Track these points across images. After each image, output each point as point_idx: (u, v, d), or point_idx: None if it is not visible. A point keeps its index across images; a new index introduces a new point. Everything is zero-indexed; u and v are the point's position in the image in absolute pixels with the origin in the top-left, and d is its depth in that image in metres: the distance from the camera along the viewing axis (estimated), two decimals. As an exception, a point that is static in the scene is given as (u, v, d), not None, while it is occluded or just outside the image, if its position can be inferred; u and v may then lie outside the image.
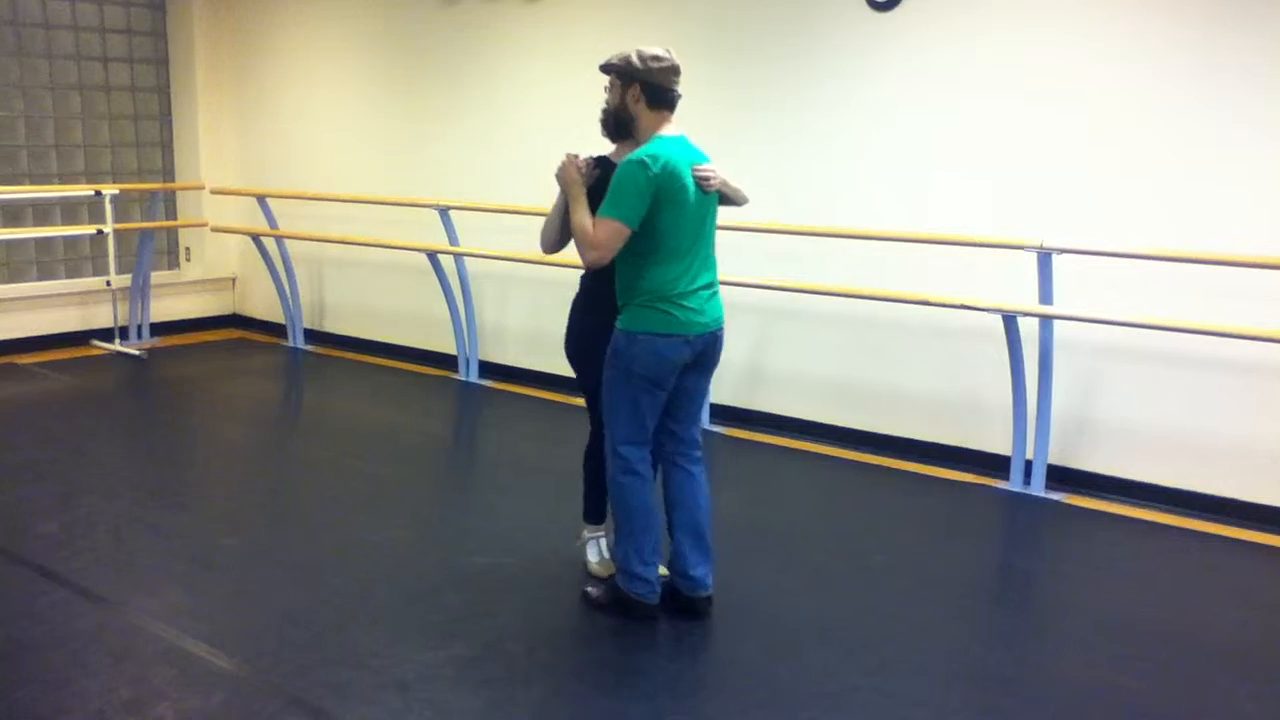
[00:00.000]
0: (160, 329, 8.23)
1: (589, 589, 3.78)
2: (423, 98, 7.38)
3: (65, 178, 7.98)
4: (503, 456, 5.82)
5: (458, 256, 6.86)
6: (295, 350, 8.03)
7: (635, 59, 3.47)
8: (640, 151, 3.40)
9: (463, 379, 7.10)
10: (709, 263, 3.58)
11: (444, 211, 6.88)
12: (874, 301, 5.38)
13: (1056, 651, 3.54)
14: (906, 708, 3.16)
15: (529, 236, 6.70)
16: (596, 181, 3.55)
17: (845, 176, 5.61)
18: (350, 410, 6.59)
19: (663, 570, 3.76)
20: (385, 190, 7.46)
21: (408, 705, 3.08)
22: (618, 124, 3.59)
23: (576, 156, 3.58)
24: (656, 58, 3.47)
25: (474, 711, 3.06)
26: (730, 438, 5.88)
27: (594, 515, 4.01)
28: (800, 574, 4.09)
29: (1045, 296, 4.84)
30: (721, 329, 3.60)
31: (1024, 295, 4.97)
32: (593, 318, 3.70)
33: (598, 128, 3.71)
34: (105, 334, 7.87)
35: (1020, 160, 5.09)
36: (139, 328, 8.02)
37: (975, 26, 5.14)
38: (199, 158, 8.45)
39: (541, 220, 3.74)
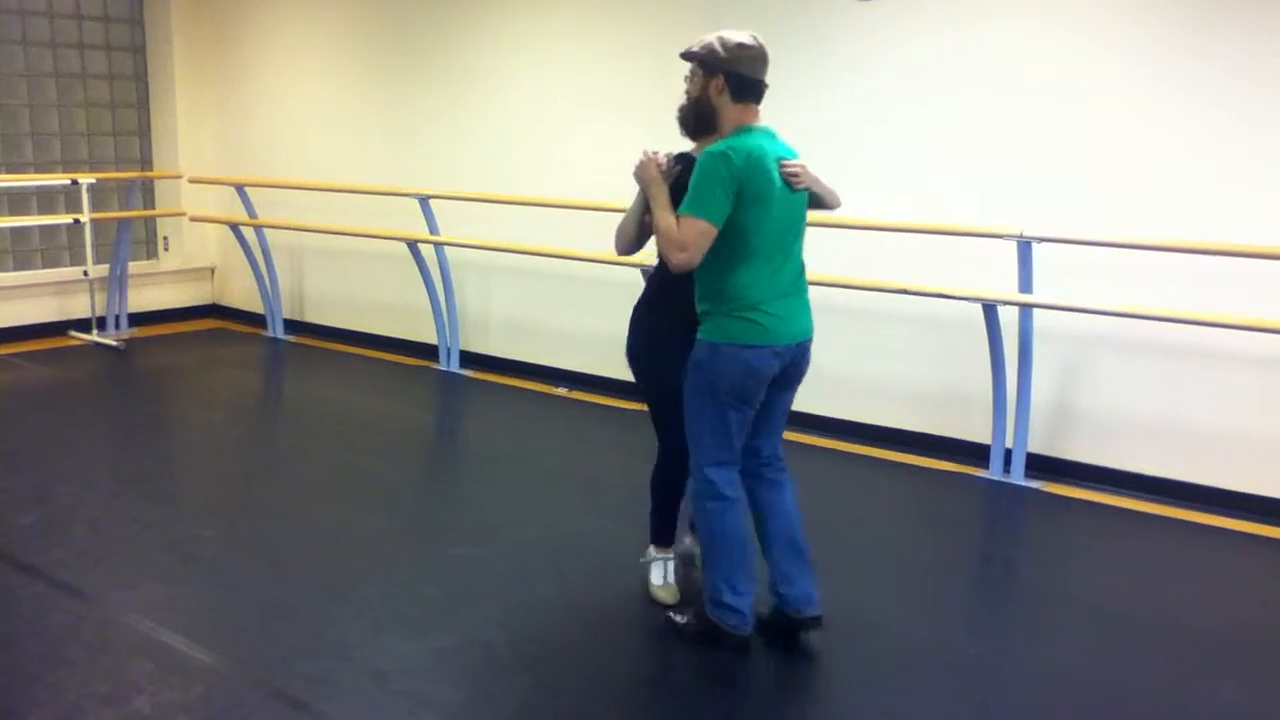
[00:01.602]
0: (138, 319, 8.17)
1: (675, 616, 3.49)
2: (403, 85, 7.33)
3: (41, 166, 7.90)
4: (484, 447, 5.81)
5: (438, 246, 6.84)
6: (275, 340, 7.98)
7: (719, 47, 3.17)
8: (722, 143, 3.12)
9: (444, 369, 7.08)
10: (798, 268, 3.29)
11: (424, 200, 6.85)
12: (854, 291, 5.39)
13: (1037, 640, 3.56)
14: (887, 695, 3.17)
15: (510, 225, 6.70)
16: (676, 180, 3.27)
17: (824, 166, 5.59)
18: (330, 401, 6.56)
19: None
20: (365, 179, 7.42)
21: (387, 697, 3.07)
22: (698, 117, 3.28)
23: (656, 153, 3.30)
24: (743, 45, 3.17)
25: (454, 702, 3.05)
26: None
27: (662, 537, 3.74)
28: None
29: (1025, 285, 4.85)
30: (810, 339, 3.32)
31: (1005, 285, 4.98)
32: (662, 319, 3.44)
33: (579, 116, 3.64)
34: (83, 324, 7.81)
35: (1002, 150, 5.10)
36: (117, 318, 7.97)
37: (957, 17, 5.14)
38: (177, 146, 8.39)
39: (521, 209, 3.69)
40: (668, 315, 3.41)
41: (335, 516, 4.48)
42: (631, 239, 3.50)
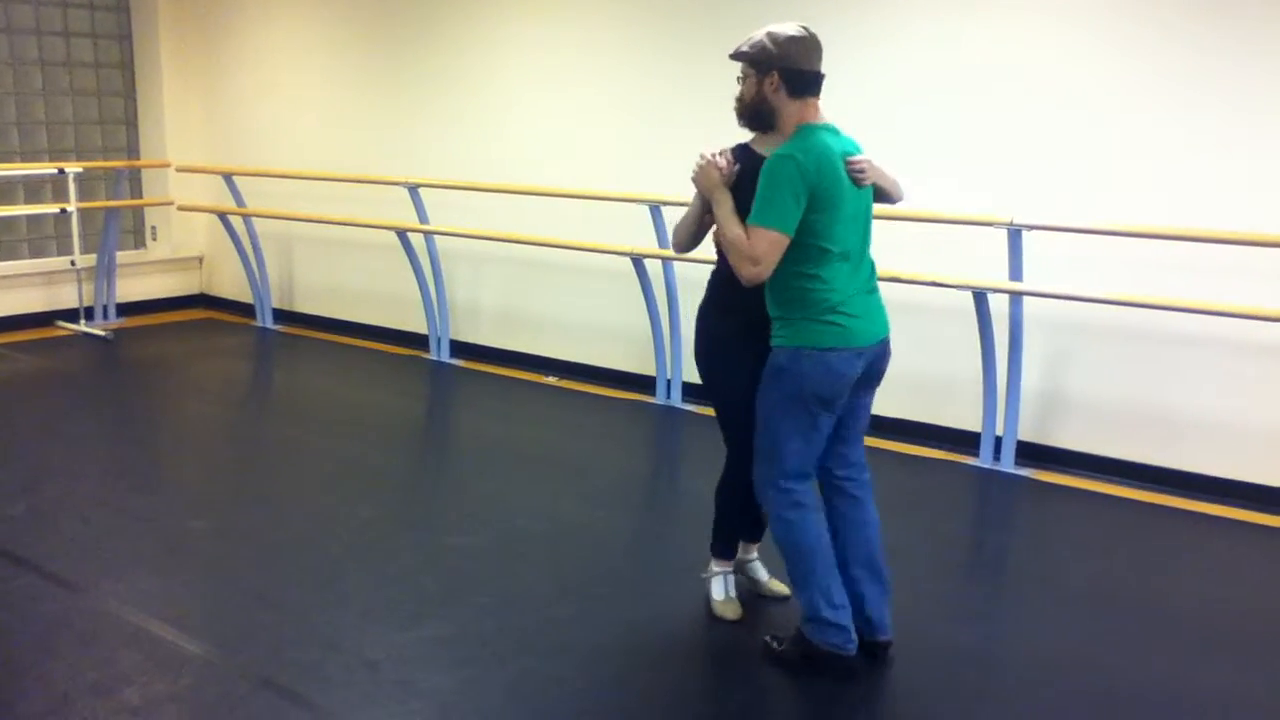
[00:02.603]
0: (126, 309, 8.13)
1: (771, 641, 3.29)
2: (392, 73, 7.30)
3: (28, 155, 7.85)
4: (475, 437, 5.80)
5: (428, 235, 6.82)
6: (264, 330, 7.96)
7: (769, 43, 3.05)
8: (789, 146, 3.00)
9: (434, 359, 7.06)
10: (870, 265, 3.22)
11: (413, 189, 6.82)
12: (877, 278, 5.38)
13: (1027, 626, 3.57)
14: (878, 686, 3.18)
15: (500, 214, 6.68)
16: (737, 176, 3.15)
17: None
18: (320, 391, 6.55)
19: (781, 588, 3.56)
20: (354, 168, 7.38)
21: (378, 686, 3.07)
22: (756, 117, 3.15)
23: (715, 155, 3.14)
24: (794, 39, 3.05)
25: (445, 691, 3.06)
26: (700, 415, 5.88)
27: (725, 551, 3.59)
28: (765, 552, 4.09)
29: (1015, 273, 4.86)
30: (888, 336, 3.23)
31: (995, 273, 4.98)
32: (729, 321, 3.29)
33: (570, 104, 3.59)
34: (70, 314, 7.77)
35: (994, 140, 5.10)
36: (105, 308, 7.92)
37: (952, 8, 5.13)
38: (164, 135, 8.34)
39: (512, 197, 3.66)
40: (733, 319, 3.28)
41: (325, 506, 4.47)
42: (690, 238, 3.37)
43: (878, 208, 3.32)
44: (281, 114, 7.97)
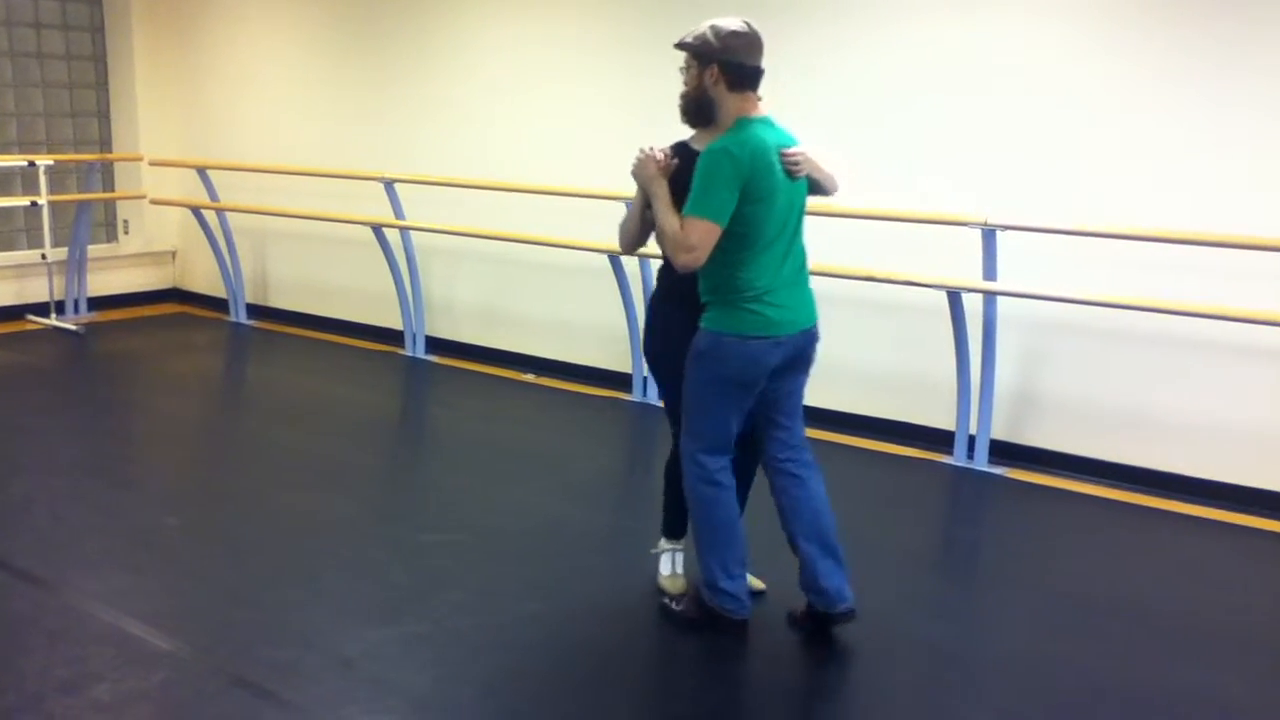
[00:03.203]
0: (98, 303, 8.05)
1: (671, 603, 3.51)
2: (368, 67, 7.26)
3: (-3, 147, 7.78)
4: (450, 433, 5.79)
5: (403, 230, 6.79)
6: (238, 325, 7.91)
7: (711, 36, 3.15)
8: (723, 139, 3.10)
9: (410, 355, 7.04)
10: (800, 256, 3.32)
11: (389, 184, 6.79)
12: (818, 277, 5.39)
13: (1002, 625, 3.60)
14: (850, 682, 3.20)
15: (476, 210, 6.66)
16: (675, 172, 3.22)
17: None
18: (294, 386, 6.51)
19: (757, 583, 3.61)
20: (329, 162, 7.34)
21: (352, 683, 3.06)
22: (698, 109, 3.24)
23: (653, 149, 3.25)
24: (735, 33, 3.14)
25: (419, 688, 3.05)
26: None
27: (674, 530, 3.69)
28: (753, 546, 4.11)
29: (989, 272, 4.89)
30: (815, 326, 3.34)
31: (970, 272, 5.01)
32: (679, 313, 3.36)
33: (547, 100, 3.60)
34: (41, 309, 7.69)
35: (969, 140, 5.12)
36: (76, 302, 7.85)
37: (932, 6, 5.15)
38: (137, 128, 8.26)
39: (488, 193, 3.66)
40: (681, 309, 3.35)
41: (299, 503, 4.45)
42: (635, 236, 3.46)
43: (862, 207, 3.35)
44: (256, 107, 7.92)
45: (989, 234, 4.82)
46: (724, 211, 3.06)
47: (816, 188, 3.36)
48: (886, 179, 5.32)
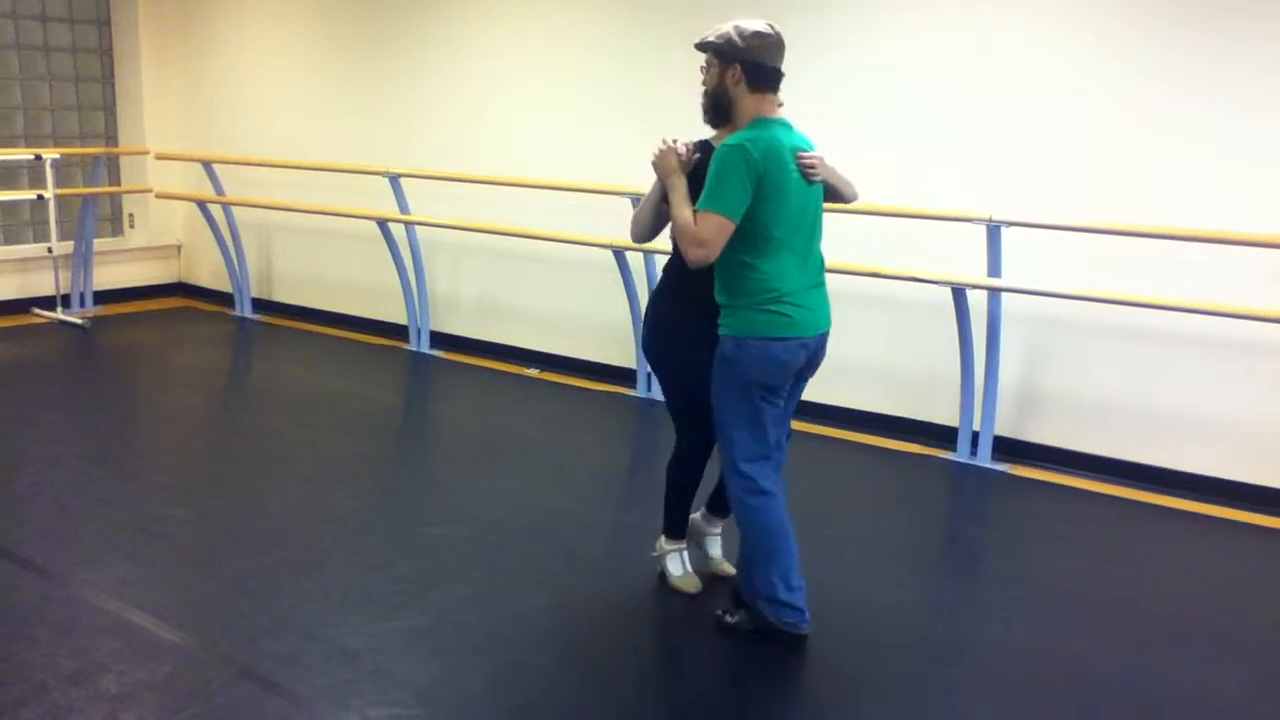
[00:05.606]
0: (103, 297, 8.07)
1: (726, 616, 3.39)
2: (374, 61, 7.27)
3: (3, 141, 7.78)
4: (454, 427, 5.80)
5: (409, 225, 6.80)
6: (242, 319, 7.92)
7: (735, 36, 3.15)
8: (739, 135, 3.11)
9: (414, 349, 7.05)
10: (819, 260, 3.31)
11: (394, 179, 6.80)
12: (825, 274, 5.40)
13: (1004, 620, 3.60)
14: (853, 678, 3.21)
15: (481, 205, 6.67)
16: (695, 168, 3.22)
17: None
18: (299, 380, 6.52)
19: (728, 569, 3.63)
20: (335, 156, 7.35)
21: (357, 675, 3.07)
22: (716, 108, 3.26)
23: (676, 142, 3.24)
24: (759, 34, 3.15)
25: (424, 681, 3.06)
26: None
27: (675, 531, 3.68)
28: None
29: (994, 269, 4.89)
30: (829, 331, 3.31)
31: (974, 269, 5.01)
32: (682, 308, 3.38)
33: (552, 94, 3.60)
34: (46, 302, 7.71)
35: (974, 137, 5.12)
36: (81, 296, 7.87)
37: (935, 4, 5.15)
38: (143, 122, 8.28)
39: (493, 188, 3.66)
40: (688, 304, 3.35)
41: (304, 496, 4.46)
42: (648, 227, 3.46)
43: (867, 203, 3.35)
44: (262, 102, 7.92)
45: (994, 230, 4.82)
46: (737, 208, 3.06)
47: (834, 194, 3.37)
48: (891, 176, 5.32)
